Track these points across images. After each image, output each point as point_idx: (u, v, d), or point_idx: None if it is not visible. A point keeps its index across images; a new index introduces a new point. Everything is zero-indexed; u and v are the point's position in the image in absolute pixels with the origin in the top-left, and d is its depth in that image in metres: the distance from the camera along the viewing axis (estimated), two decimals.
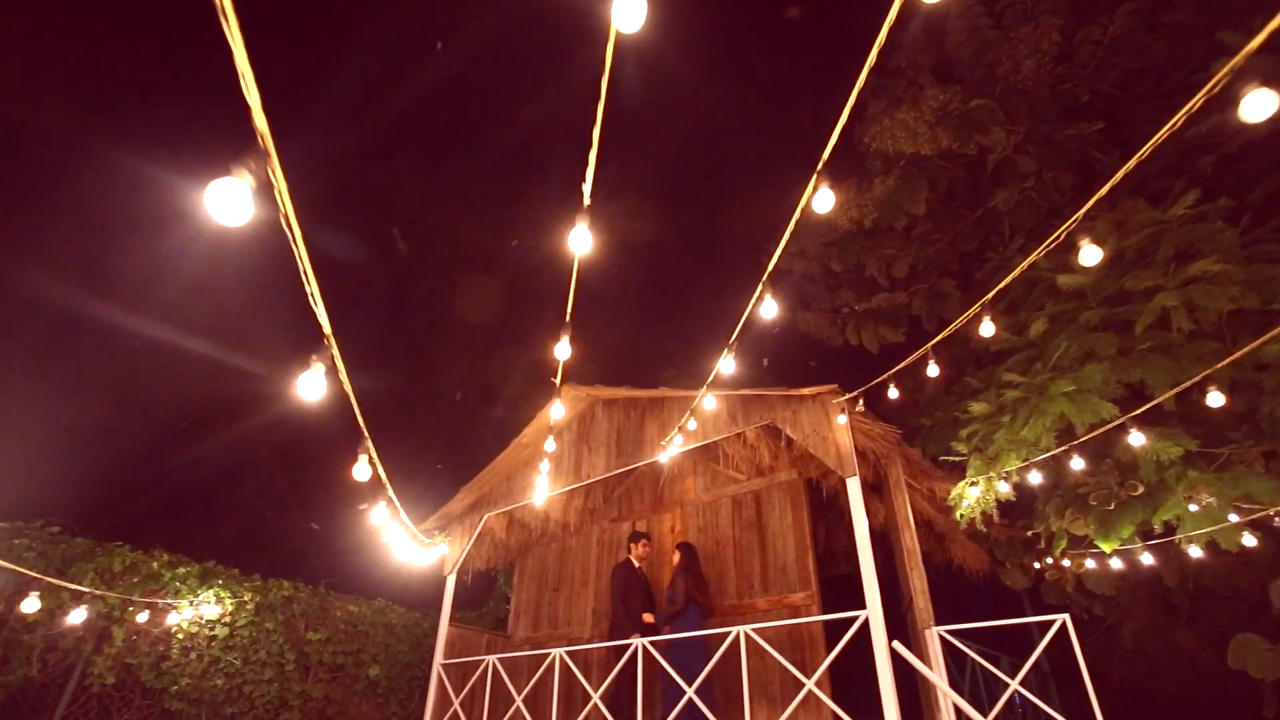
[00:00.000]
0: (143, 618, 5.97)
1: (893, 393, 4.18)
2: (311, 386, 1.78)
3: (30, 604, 4.89)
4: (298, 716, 6.72)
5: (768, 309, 2.55)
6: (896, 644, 4.41)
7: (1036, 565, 8.02)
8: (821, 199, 1.92)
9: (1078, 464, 4.91)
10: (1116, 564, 6.46)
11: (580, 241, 1.73)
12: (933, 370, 4.07)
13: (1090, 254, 2.55)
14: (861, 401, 4.48)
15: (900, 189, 7.79)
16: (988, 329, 3.83)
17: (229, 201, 1.15)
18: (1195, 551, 5.08)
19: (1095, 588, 7.21)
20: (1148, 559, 6.19)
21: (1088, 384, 4.59)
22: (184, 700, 6.05)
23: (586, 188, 1.64)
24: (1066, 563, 6.95)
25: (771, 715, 5.61)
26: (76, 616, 4.87)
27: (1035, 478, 5.32)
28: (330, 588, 7.61)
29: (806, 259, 9.73)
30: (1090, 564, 6.74)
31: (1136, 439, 4.22)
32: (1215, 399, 3.98)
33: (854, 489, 4.93)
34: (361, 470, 2.42)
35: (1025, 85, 7.01)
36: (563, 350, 2.33)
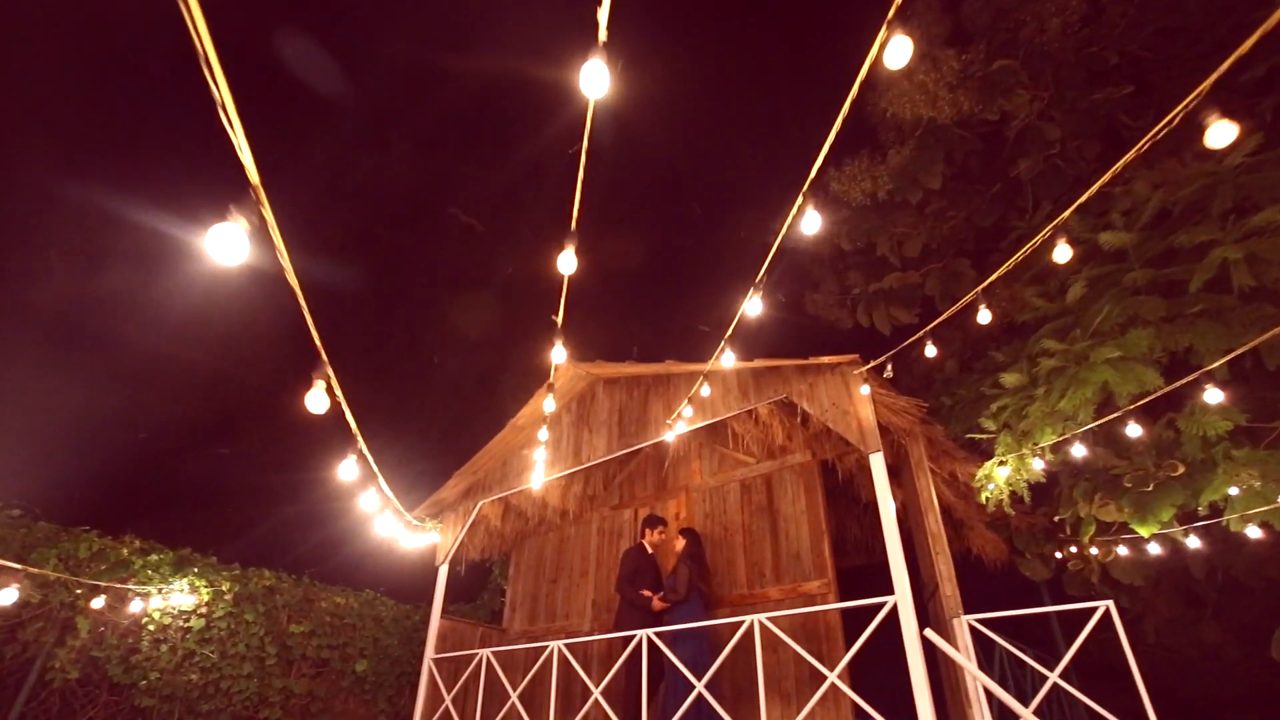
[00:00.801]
0: (108, 606, 5.56)
1: (930, 350, 3.80)
2: (229, 247, 1.36)
3: None
4: (279, 714, 6.32)
5: (810, 223, 2.17)
6: (930, 632, 4.03)
7: (1058, 555, 7.66)
8: (895, 48, 1.54)
9: (1133, 431, 4.52)
10: (1155, 550, 6.09)
11: (594, 82, 1.34)
12: (984, 316, 3.69)
13: (1222, 132, 2.13)
14: (890, 367, 4.09)
15: (916, 159, 7.42)
16: (1064, 253, 3.41)
17: None
18: (1254, 532, 4.70)
19: (1123, 577, 6.85)
20: (1194, 542, 5.82)
21: (1134, 350, 4.22)
22: (155, 696, 5.64)
23: (602, 16, 1.26)
24: (1094, 550, 6.58)
25: (785, 712, 5.23)
26: (6, 597, 4.44)
27: (1078, 451, 4.94)
28: (315, 578, 7.21)
29: (815, 237, 9.35)
30: (1123, 550, 6.37)
31: (1214, 395, 3.83)
32: None
33: (878, 465, 4.55)
34: (316, 401, 1.99)
35: (1050, 48, 6.64)
36: (567, 263, 1.94)
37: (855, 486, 6.50)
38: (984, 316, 3.91)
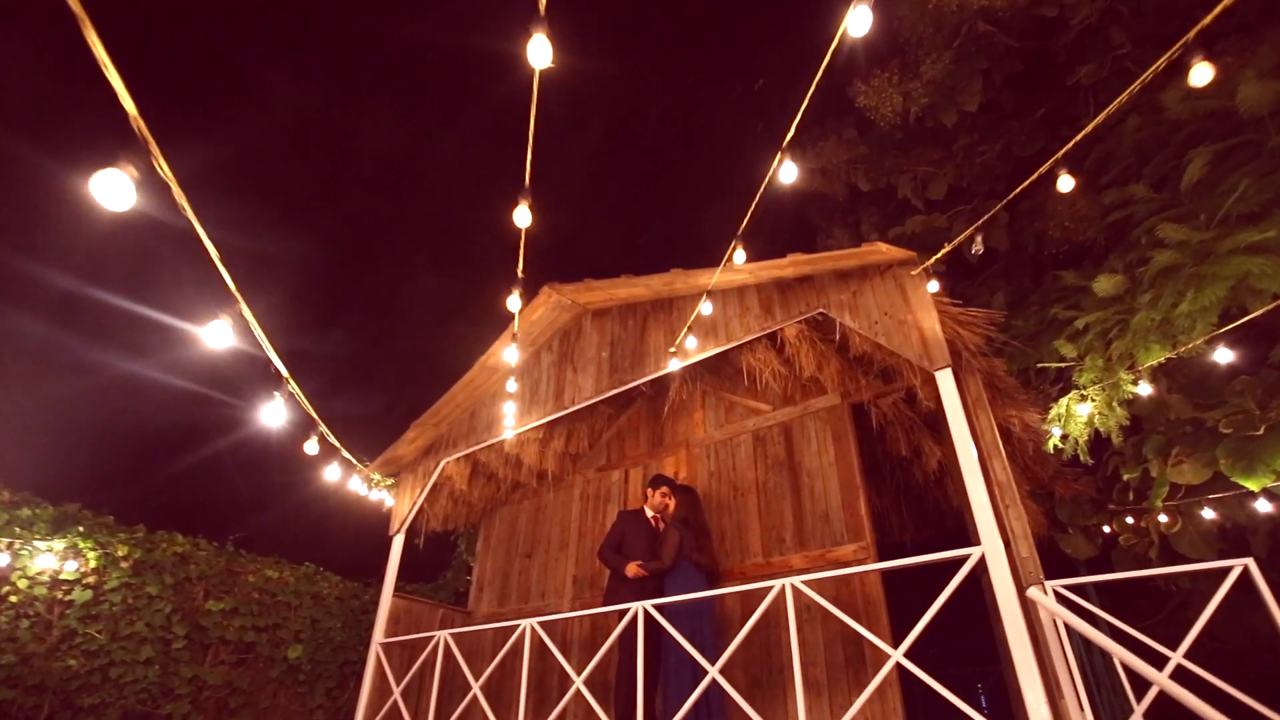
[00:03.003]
0: None
1: (1064, 183, 2.78)
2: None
3: None
4: (187, 708, 5.15)
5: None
6: (1036, 591, 3.03)
7: (1106, 529, 6.72)
8: None
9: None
10: (1265, 507, 5.14)
11: None
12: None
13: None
14: (979, 240, 3.07)
15: (955, 72, 6.44)
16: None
17: None
18: None
19: (1189, 551, 5.90)
20: None
21: None
22: (16, 687, 4.44)
23: None
24: (1163, 519, 5.63)
25: (816, 705, 4.18)
26: None
27: (1223, 355, 3.95)
28: (242, 547, 6.03)
29: (829, 178, 8.36)
30: (1208, 514, 5.41)
31: None
32: None
33: (946, 383, 3.54)
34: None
35: None
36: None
37: (890, 440, 5.48)
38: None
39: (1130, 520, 6.27)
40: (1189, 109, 4.12)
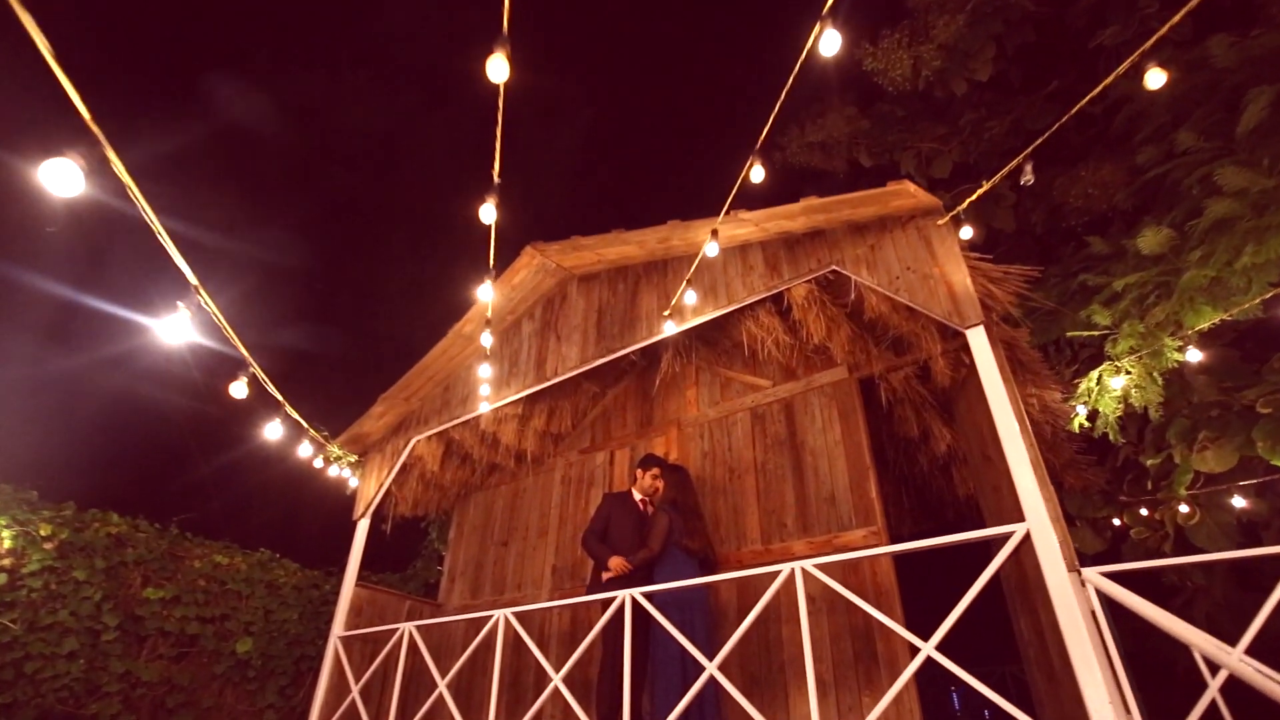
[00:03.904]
0: None
1: (1155, 79, 2.38)
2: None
3: None
4: (117, 707, 4.60)
5: None
6: (1089, 572, 2.64)
7: (1115, 521, 6.39)
8: None
9: None
10: None
11: None
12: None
13: None
14: (1029, 169, 2.66)
15: (969, 34, 6.08)
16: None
17: None
18: None
19: (1207, 545, 5.58)
20: None
21: None
22: None
23: None
24: (1184, 509, 5.30)
25: (822, 706, 3.75)
26: None
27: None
28: (187, 529, 5.48)
29: (829, 153, 7.98)
30: (1238, 502, 5.09)
31: None
32: None
33: (979, 343, 3.13)
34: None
35: None
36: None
37: (898, 420, 5.08)
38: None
39: (1144, 512, 5.94)
40: (1239, 54, 3.77)
